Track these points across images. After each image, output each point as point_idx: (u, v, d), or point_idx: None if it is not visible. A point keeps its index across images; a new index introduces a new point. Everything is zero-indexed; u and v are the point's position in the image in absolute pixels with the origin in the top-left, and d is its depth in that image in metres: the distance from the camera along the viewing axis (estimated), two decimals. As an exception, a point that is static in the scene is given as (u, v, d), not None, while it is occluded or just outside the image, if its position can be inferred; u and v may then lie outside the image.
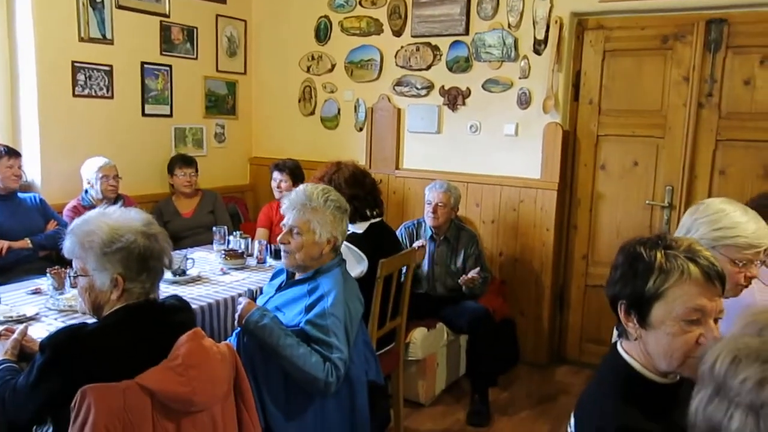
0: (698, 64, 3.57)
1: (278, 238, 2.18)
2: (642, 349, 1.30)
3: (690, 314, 1.24)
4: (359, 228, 2.81)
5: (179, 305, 1.76)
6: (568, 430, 1.39)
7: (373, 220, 2.89)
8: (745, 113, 3.50)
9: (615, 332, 1.43)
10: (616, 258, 1.36)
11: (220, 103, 4.87)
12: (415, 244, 3.56)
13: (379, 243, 2.78)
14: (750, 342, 0.80)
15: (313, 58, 4.78)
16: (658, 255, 1.27)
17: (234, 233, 3.52)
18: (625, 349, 1.34)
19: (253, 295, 2.39)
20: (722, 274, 1.28)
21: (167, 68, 4.42)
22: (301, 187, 2.25)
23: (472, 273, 3.52)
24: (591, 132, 3.95)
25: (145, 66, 4.28)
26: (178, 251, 3.15)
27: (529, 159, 4.00)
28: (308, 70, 4.82)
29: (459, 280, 3.56)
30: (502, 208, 4.13)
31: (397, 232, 3.72)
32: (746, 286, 1.73)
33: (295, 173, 4.18)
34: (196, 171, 4.27)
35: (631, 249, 1.32)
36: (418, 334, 3.43)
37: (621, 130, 3.87)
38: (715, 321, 1.25)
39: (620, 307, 1.32)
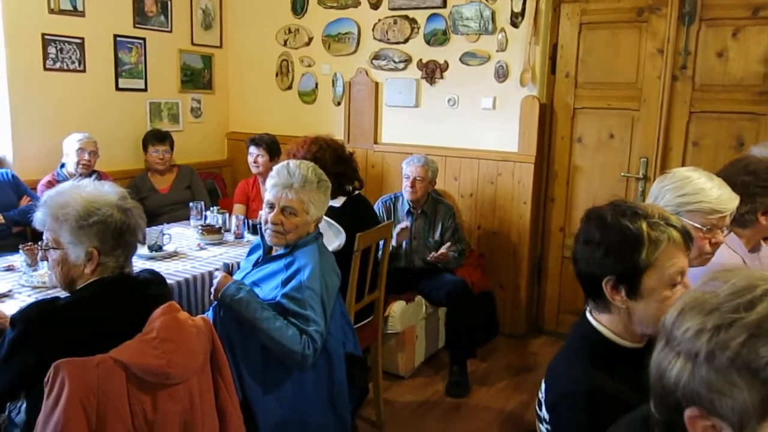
0: (672, 37, 3.59)
1: (270, 218, 2.11)
2: (620, 318, 1.33)
3: (676, 277, 1.29)
4: (336, 202, 2.81)
5: (153, 279, 1.76)
6: (539, 396, 1.42)
7: (350, 194, 2.89)
8: (718, 85, 3.54)
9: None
10: (587, 234, 1.35)
11: (196, 77, 4.80)
12: (397, 228, 3.56)
13: (356, 217, 2.79)
14: (698, 296, 0.83)
15: (290, 32, 4.73)
16: (644, 226, 1.29)
17: (211, 208, 3.49)
18: (594, 317, 1.36)
19: (229, 269, 2.39)
20: (690, 232, 1.33)
21: (141, 41, 4.34)
22: (292, 165, 2.17)
23: (443, 249, 3.54)
24: (567, 105, 3.97)
25: (118, 39, 4.20)
26: (154, 227, 3.12)
27: (506, 132, 4.01)
28: (285, 44, 4.76)
29: (429, 257, 3.58)
30: (480, 182, 4.14)
31: (375, 207, 3.72)
32: (711, 254, 1.76)
33: (272, 148, 4.15)
34: (171, 148, 4.22)
35: (614, 224, 1.31)
36: (397, 307, 3.46)
37: (597, 103, 3.89)
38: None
39: (606, 284, 1.31)
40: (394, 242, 3.51)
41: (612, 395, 1.23)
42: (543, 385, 1.41)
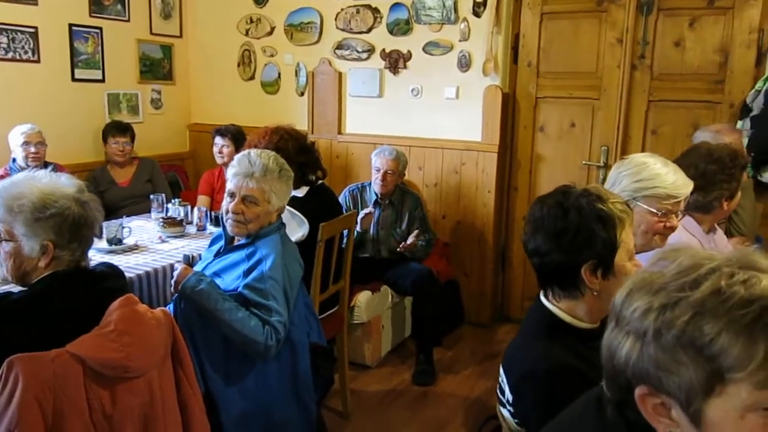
0: (631, 27, 3.64)
1: (231, 208, 2.09)
2: (587, 301, 1.34)
3: (632, 250, 1.36)
4: (300, 192, 2.79)
5: (110, 272, 1.72)
6: (500, 381, 1.44)
7: (313, 184, 2.87)
8: (676, 74, 3.61)
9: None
10: (557, 224, 1.36)
11: (156, 67, 4.71)
12: (361, 213, 3.56)
13: (319, 206, 2.78)
14: (646, 276, 0.84)
15: (251, 21, 4.66)
16: (611, 207, 1.34)
17: (173, 201, 3.44)
18: (552, 302, 1.39)
19: (189, 261, 2.36)
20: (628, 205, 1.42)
21: (97, 31, 4.24)
22: (253, 154, 2.15)
23: (411, 238, 3.55)
24: (530, 94, 4.01)
25: (74, 28, 4.09)
26: (114, 220, 3.06)
27: (470, 122, 4.03)
28: (247, 34, 4.70)
29: (399, 248, 3.59)
30: (444, 171, 4.16)
31: (341, 197, 3.72)
32: (665, 237, 1.80)
33: (238, 138, 4.10)
34: (132, 139, 4.13)
35: (590, 209, 1.33)
36: (363, 297, 3.47)
37: (559, 92, 3.93)
38: None
39: (585, 271, 1.33)
40: (358, 228, 3.48)
41: (573, 368, 1.25)
42: (501, 370, 1.42)
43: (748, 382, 0.75)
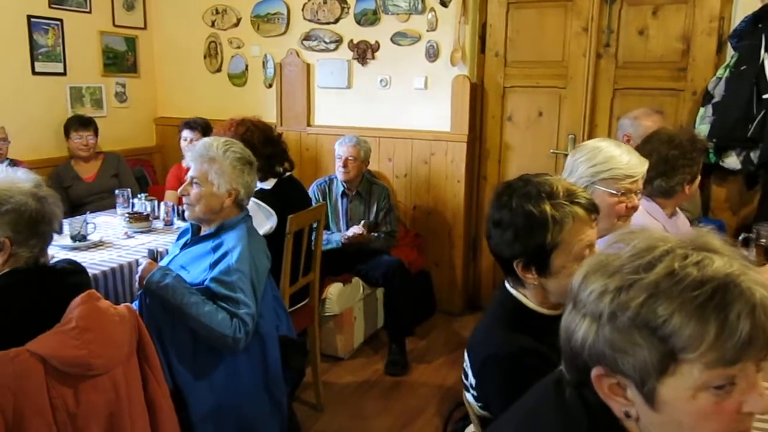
0: (596, 16, 3.68)
1: (179, 190, 2.12)
2: (536, 291, 1.36)
3: (584, 251, 1.33)
4: (267, 184, 2.77)
5: (71, 268, 1.69)
6: (464, 366, 1.45)
7: (281, 177, 2.85)
8: (640, 62, 3.65)
9: None
10: (496, 216, 1.38)
11: (120, 60, 4.63)
12: (350, 231, 3.56)
13: (287, 199, 2.75)
14: (602, 258, 0.85)
15: (217, 12, 4.60)
16: (548, 208, 1.32)
17: (139, 195, 3.39)
18: (513, 286, 1.40)
19: (154, 256, 2.33)
20: (596, 203, 1.38)
21: (58, 23, 4.14)
22: (206, 139, 2.19)
23: (353, 229, 3.54)
24: (498, 84, 4.03)
25: (32, 20, 3.99)
26: (78, 216, 3.00)
27: (438, 112, 4.03)
28: (213, 25, 4.64)
29: (342, 240, 3.57)
30: (413, 162, 4.17)
31: (310, 190, 3.70)
32: (628, 217, 1.84)
33: (207, 131, 4.03)
34: (95, 134, 4.05)
35: (518, 208, 1.34)
36: (334, 289, 3.46)
37: (526, 82, 3.95)
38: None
39: (517, 264, 1.35)
40: (343, 241, 3.55)
41: (535, 352, 1.27)
42: (466, 355, 1.43)
43: (700, 361, 0.76)
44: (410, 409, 3.09)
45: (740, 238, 2.38)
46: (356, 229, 3.56)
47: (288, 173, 2.88)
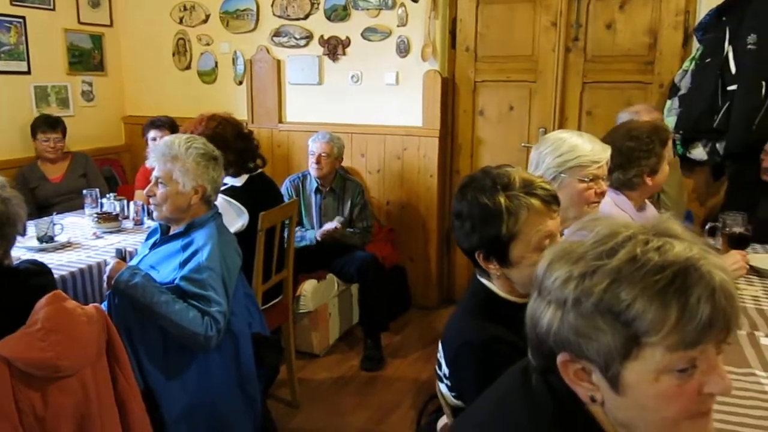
0: (564, 10, 3.71)
1: (145, 191, 2.09)
2: (501, 281, 1.38)
3: (543, 242, 1.34)
4: (239, 181, 2.74)
5: (35, 269, 1.66)
6: (438, 356, 1.45)
7: (253, 173, 2.82)
8: (608, 56, 3.70)
9: None
10: (457, 207, 1.40)
11: (86, 58, 4.54)
12: (325, 227, 3.58)
13: (259, 195, 2.73)
14: (566, 245, 0.86)
15: (185, 9, 4.55)
16: (502, 200, 1.33)
17: (107, 195, 3.34)
18: (480, 276, 1.41)
19: (122, 255, 2.29)
20: (556, 194, 1.38)
21: (20, 20, 4.05)
22: (169, 138, 2.15)
23: (327, 226, 3.55)
24: (469, 79, 4.04)
25: (-7, 18, 3.91)
26: (44, 217, 2.94)
27: (410, 107, 4.04)
28: (181, 22, 4.58)
29: (317, 236, 3.58)
30: (386, 157, 4.17)
31: (282, 188, 3.68)
32: (598, 203, 1.86)
33: (174, 129, 3.99)
34: (63, 135, 3.97)
35: (473, 200, 1.35)
36: (308, 286, 3.45)
37: (497, 76, 3.98)
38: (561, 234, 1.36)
39: (478, 255, 1.37)
40: (318, 237, 3.57)
41: (508, 342, 1.27)
42: (440, 345, 1.44)
43: (662, 345, 0.78)
44: (386, 403, 3.10)
45: (706, 227, 2.42)
46: (332, 225, 3.55)
47: (260, 170, 2.85)
